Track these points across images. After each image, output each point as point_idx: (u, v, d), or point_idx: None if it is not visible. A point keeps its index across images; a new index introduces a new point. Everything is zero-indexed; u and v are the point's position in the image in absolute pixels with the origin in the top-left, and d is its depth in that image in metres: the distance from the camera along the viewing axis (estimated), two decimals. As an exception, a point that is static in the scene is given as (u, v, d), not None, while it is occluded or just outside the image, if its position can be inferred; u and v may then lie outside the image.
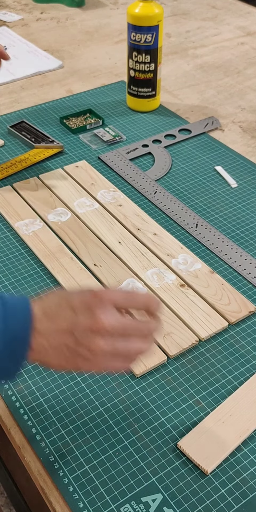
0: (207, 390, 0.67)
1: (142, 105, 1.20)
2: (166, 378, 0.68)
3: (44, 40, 1.54)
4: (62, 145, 1.08)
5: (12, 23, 1.65)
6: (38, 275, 0.82)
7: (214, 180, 1.02)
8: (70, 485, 0.58)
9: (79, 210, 0.93)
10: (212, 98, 1.28)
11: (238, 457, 0.60)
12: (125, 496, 0.57)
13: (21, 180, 1.00)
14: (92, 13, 1.71)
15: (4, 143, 1.11)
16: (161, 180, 1.02)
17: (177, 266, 0.82)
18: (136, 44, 1.13)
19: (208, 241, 0.88)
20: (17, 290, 0.79)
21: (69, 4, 1.75)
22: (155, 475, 0.59)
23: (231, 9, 1.74)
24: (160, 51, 1.15)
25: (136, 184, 1.00)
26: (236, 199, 0.97)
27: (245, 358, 0.71)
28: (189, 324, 0.74)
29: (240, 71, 1.40)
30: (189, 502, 0.57)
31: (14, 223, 0.90)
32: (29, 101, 1.26)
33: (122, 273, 0.81)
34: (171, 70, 1.39)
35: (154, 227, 0.90)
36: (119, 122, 1.18)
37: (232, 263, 0.84)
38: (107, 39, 1.55)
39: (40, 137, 1.10)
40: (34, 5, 1.77)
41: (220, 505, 0.57)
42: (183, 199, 0.97)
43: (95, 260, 0.83)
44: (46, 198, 0.95)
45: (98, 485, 0.58)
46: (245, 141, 1.13)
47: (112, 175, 1.02)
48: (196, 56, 1.47)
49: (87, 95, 1.27)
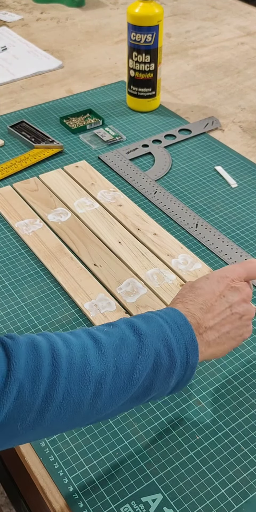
0: (207, 390, 0.67)
1: (142, 105, 1.20)
2: (166, 378, 0.68)
3: (44, 40, 1.54)
4: (62, 145, 1.08)
5: (12, 23, 1.65)
6: (38, 275, 0.82)
7: (214, 180, 1.02)
8: (70, 485, 0.58)
9: (79, 210, 0.93)
10: (212, 98, 1.28)
11: (238, 457, 0.60)
12: (125, 496, 0.57)
13: (21, 180, 1.00)
14: (92, 13, 1.71)
15: (4, 143, 1.11)
16: (161, 180, 1.02)
17: (177, 266, 0.82)
18: (136, 44, 1.13)
19: (208, 241, 0.88)
20: (17, 290, 0.79)
21: (69, 4, 1.75)
22: (155, 475, 0.59)
23: (231, 9, 1.74)
24: (160, 51, 1.15)
25: (136, 184, 1.00)
26: (236, 199, 0.97)
27: (245, 358, 0.71)
28: (189, 324, 0.74)
29: (240, 71, 1.40)
30: (189, 502, 0.57)
31: (14, 223, 0.90)
32: (29, 101, 1.26)
33: (122, 273, 0.81)
34: (171, 70, 1.39)
35: (154, 227, 0.90)
36: (119, 122, 1.18)
37: (232, 263, 0.84)
38: (107, 39, 1.55)
39: (40, 137, 1.10)
40: (34, 5, 1.77)
41: (220, 505, 0.57)
42: (183, 199, 0.97)
43: (95, 260, 0.83)
44: (46, 198, 0.95)
45: (98, 485, 0.58)
46: (245, 141, 1.13)
47: (112, 175, 1.02)
48: (196, 56, 1.47)
49: (87, 95, 1.27)
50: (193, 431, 0.63)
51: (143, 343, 0.54)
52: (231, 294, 0.61)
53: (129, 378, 0.52)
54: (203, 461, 0.60)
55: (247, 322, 0.62)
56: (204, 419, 0.64)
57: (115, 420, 0.64)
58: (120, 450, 0.61)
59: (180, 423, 0.64)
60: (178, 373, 0.56)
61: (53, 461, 0.60)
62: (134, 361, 0.53)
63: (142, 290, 0.78)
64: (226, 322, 0.60)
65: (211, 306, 0.60)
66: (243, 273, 0.63)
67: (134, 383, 0.52)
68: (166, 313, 0.58)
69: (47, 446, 0.61)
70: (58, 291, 0.79)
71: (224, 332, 0.60)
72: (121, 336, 0.53)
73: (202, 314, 0.59)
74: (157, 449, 0.61)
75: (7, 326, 0.74)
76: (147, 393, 0.54)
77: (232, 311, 0.61)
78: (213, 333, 0.59)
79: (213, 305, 0.60)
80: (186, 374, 0.56)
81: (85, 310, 0.76)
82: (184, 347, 0.56)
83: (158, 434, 0.62)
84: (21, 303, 0.77)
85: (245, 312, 0.62)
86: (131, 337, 0.54)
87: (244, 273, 0.63)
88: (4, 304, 0.77)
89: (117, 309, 0.75)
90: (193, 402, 0.66)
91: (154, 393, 0.55)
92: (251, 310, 0.62)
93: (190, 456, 0.61)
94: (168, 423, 0.64)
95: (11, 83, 1.34)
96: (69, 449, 0.61)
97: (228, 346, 0.61)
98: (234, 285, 0.62)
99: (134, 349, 0.53)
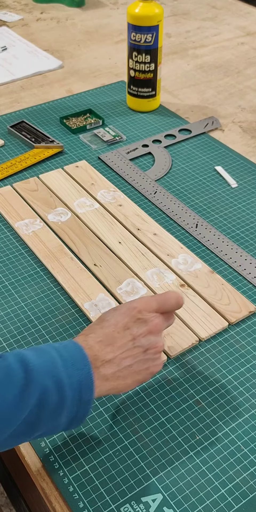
0: (207, 390, 0.67)
1: (142, 105, 1.20)
2: (166, 378, 0.68)
3: (44, 40, 1.54)
4: (62, 145, 1.08)
5: (12, 23, 1.65)
6: (38, 275, 0.82)
7: (214, 180, 1.02)
8: (70, 485, 0.58)
9: (79, 210, 0.93)
10: (212, 98, 1.28)
11: (238, 457, 0.60)
12: (125, 496, 0.57)
13: (21, 180, 1.00)
14: (92, 13, 1.71)
15: (4, 143, 1.11)
16: (161, 180, 1.02)
17: (177, 266, 0.82)
18: (136, 44, 1.13)
19: (208, 241, 0.88)
20: (17, 290, 0.79)
21: (69, 4, 1.75)
22: (155, 475, 0.59)
23: (231, 9, 1.74)
24: (160, 51, 1.15)
25: (136, 184, 1.00)
26: (236, 199, 0.97)
27: (245, 358, 0.71)
28: (189, 324, 0.74)
29: (240, 71, 1.40)
30: (189, 502, 0.57)
31: (14, 223, 0.90)
32: (29, 101, 1.26)
33: (122, 273, 0.81)
34: (171, 70, 1.39)
35: (154, 227, 0.90)
36: (119, 122, 1.18)
37: (232, 263, 0.84)
38: (107, 39, 1.55)
39: (40, 137, 1.10)
40: (34, 5, 1.77)
41: (220, 505, 0.57)
42: (183, 199, 0.97)
43: (95, 260, 0.83)
44: (46, 198, 0.95)
45: (98, 485, 0.58)
46: (245, 141, 1.13)
47: (112, 175, 1.02)
48: (196, 56, 1.47)
49: (87, 95, 1.27)
50: (193, 431, 0.63)
51: (29, 378, 0.51)
52: (137, 326, 0.58)
53: (9, 413, 0.50)
54: (203, 461, 0.60)
55: (153, 356, 0.59)
56: (204, 419, 0.64)
57: (115, 420, 0.64)
58: (120, 450, 0.61)
59: (180, 423, 0.64)
60: (69, 410, 0.54)
61: (53, 461, 0.60)
62: (16, 396, 0.51)
63: (142, 290, 0.78)
64: (128, 356, 0.58)
65: (112, 338, 0.57)
66: (154, 304, 0.60)
67: (15, 419, 0.51)
68: (65, 346, 0.56)
69: (47, 446, 0.61)
70: (58, 291, 0.79)
71: (125, 365, 0.57)
72: (6, 370, 0.51)
73: (101, 347, 0.57)
74: (157, 449, 0.61)
75: (7, 326, 0.74)
76: (33, 429, 0.53)
77: (134, 344, 0.58)
78: (111, 366, 0.57)
79: (114, 338, 0.57)
80: (79, 411, 0.55)
81: (85, 310, 0.76)
82: (78, 383, 0.54)
83: (158, 434, 0.62)
84: (21, 303, 0.77)
85: (151, 345, 0.59)
86: (17, 371, 0.52)
87: (155, 304, 0.60)
88: (4, 304, 0.77)
89: (117, 309, 0.75)
90: (193, 402, 0.66)
91: (41, 430, 0.54)
92: (159, 343, 0.59)
93: (190, 456, 0.61)
94: (168, 423, 0.64)
95: (11, 83, 1.34)
96: (69, 449, 0.61)
97: (132, 380, 0.59)
98: (141, 317, 0.59)
99: (18, 384, 0.51)
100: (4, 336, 0.73)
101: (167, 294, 0.62)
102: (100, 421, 0.64)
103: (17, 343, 0.72)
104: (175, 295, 0.62)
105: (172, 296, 0.62)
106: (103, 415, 0.64)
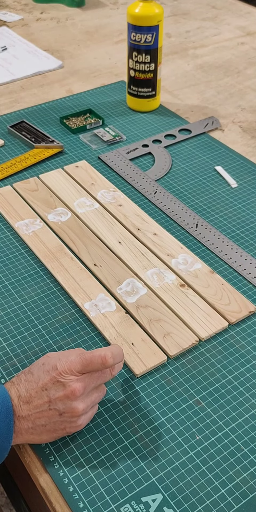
0: (207, 390, 0.67)
1: (142, 105, 1.20)
2: (166, 378, 0.68)
3: (44, 40, 1.54)
4: (62, 145, 1.08)
5: (12, 23, 1.65)
6: (38, 275, 0.82)
7: (214, 180, 1.02)
8: (70, 485, 0.58)
9: (79, 210, 0.93)
10: (212, 98, 1.28)
11: (238, 457, 0.60)
12: (125, 496, 0.57)
13: (21, 180, 1.00)
14: (92, 13, 1.71)
15: (4, 143, 1.11)
16: (161, 180, 1.02)
17: (177, 266, 0.82)
18: (136, 44, 1.13)
19: (208, 241, 0.88)
20: (17, 290, 0.79)
21: (69, 4, 1.75)
22: (155, 475, 0.59)
23: (231, 9, 1.74)
24: (160, 51, 1.15)
25: (136, 184, 1.00)
26: (236, 199, 0.97)
27: (245, 358, 0.71)
28: (189, 324, 0.74)
29: (240, 71, 1.40)
30: (189, 502, 0.57)
31: (14, 223, 0.90)
32: (29, 101, 1.26)
33: (122, 273, 0.81)
34: (171, 70, 1.39)
35: (154, 227, 0.90)
36: (119, 122, 1.18)
37: (232, 263, 0.84)
38: (107, 39, 1.55)
39: (40, 137, 1.10)
40: (34, 5, 1.77)
41: (220, 505, 0.57)
42: (183, 199, 0.97)
43: (95, 260, 0.83)
44: (46, 198, 0.95)
45: (98, 485, 0.58)
46: (245, 141, 1.13)
47: (112, 175, 1.02)
48: (196, 56, 1.47)
49: (87, 95, 1.27)
50: (193, 431, 0.63)
51: None
52: (54, 389, 0.58)
53: None
54: (203, 461, 0.60)
55: (70, 419, 0.59)
56: (204, 419, 0.64)
57: (115, 420, 0.64)
58: (120, 450, 0.61)
59: (180, 423, 0.64)
60: None
61: (53, 461, 0.60)
62: None
63: (142, 290, 0.78)
64: (42, 416, 0.58)
65: (29, 396, 0.58)
66: (78, 365, 0.59)
67: None
68: None
69: (47, 446, 0.61)
70: (58, 291, 0.79)
71: (39, 424, 0.58)
72: None
73: (19, 402, 0.58)
74: (157, 449, 0.61)
75: (7, 326, 0.74)
76: None
77: (50, 407, 0.58)
78: (26, 423, 0.58)
79: (31, 396, 0.58)
80: None
81: (85, 310, 0.76)
82: None
83: (158, 434, 0.62)
84: (21, 303, 0.77)
85: (67, 410, 0.58)
86: None
87: (78, 366, 0.59)
88: (4, 304, 0.77)
89: (117, 309, 0.75)
90: (193, 402, 0.66)
91: None
92: (76, 408, 0.58)
93: (190, 456, 0.61)
94: (168, 423, 0.64)
95: (11, 83, 1.34)
96: (69, 449, 0.61)
97: (48, 436, 0.59)
98: (60, 380, 0.58)
99: None
100: (4, 336, 0.73)
101: (94, 353, 0.60)
102: (100, 421, 0.64)
103: (17, 343, 0.72)
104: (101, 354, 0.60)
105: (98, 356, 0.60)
106: (103, 415, 0.64)
